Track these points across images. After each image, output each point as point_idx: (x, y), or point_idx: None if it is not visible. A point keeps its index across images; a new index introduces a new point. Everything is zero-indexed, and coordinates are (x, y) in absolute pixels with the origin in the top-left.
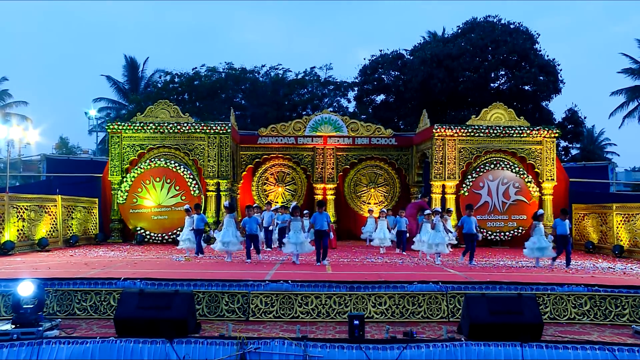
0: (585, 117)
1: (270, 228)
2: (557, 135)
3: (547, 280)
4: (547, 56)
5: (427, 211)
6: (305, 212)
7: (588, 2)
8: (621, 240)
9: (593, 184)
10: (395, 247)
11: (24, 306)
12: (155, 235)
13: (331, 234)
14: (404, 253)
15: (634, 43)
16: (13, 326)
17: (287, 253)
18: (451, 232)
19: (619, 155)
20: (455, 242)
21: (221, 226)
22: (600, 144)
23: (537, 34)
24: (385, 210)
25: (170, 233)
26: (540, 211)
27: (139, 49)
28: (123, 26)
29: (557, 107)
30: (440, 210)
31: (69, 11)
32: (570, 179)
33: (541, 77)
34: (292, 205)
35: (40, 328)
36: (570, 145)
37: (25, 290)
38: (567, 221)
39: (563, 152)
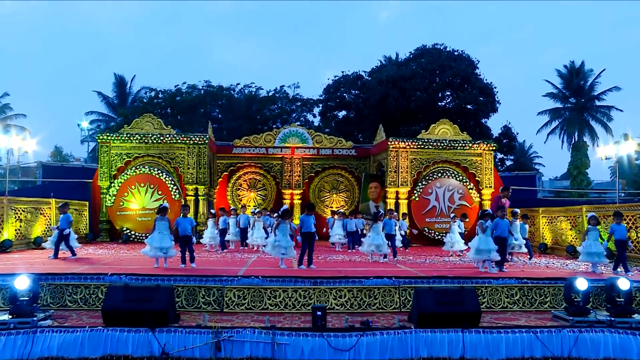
0: (517, 133)
1: (248, 229)
2: (494, 148)
3: (485, 275)
4: (486, 80)
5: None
6: (275, 214)
7: (517, 33)
8: (546, 239)
9: (524, 190)
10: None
11: (20, 298)
12: (140, 234)
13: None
14: (388, 259)
15: (554, 72)
16: (10, 316)
17: (274, 256)
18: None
19: (544, 166)
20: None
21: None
22: (529, 156)
23: (477, 60)
24: (381, 212)
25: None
26: (592, 214)
27: (128, 67)
28: (114, 46)
29: (495, 124)
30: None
31: (66, 32)
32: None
33: (481, 98)
34: (283, 208)
35: (35, 318)
36: (505, 157)
37: (22, 284)
38: (623, 225)
39: (499, 163)
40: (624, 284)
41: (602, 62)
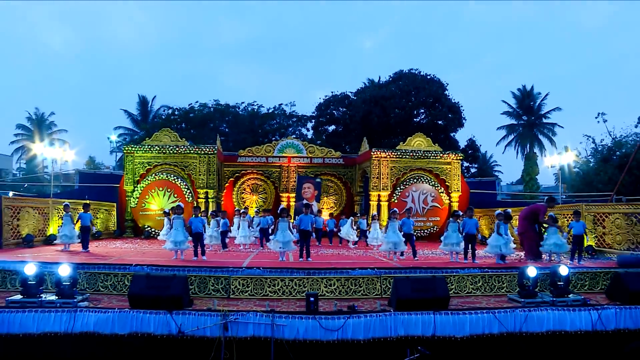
0: (480, 145)
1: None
2: (461, 158)
3: (453, 265)
4: (454, 100)
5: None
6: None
7: (478, 62)
8: None
9: (486, 194)
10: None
11: (63, 283)
12: (159, 232)
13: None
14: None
15: (510, 94)
16: (56, 297)
17: (274, 250)
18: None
19: (502, 172)
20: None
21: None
22: (490, 164)
23: (447, 83)
24: (396, 210)
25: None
26: (551, 213)
27: (149, 89)
28: (138, 71)
29: (461, 137)
30: (507, 213)
31: (98, 60)
32: (470, 190)
33: (450, 115)
34: (280, 207)
35: (75, 300)
36: (470, 165)
37: (64, 271)
38: (582, 222)
39: (465, 170)
40: (563, 270)
41: (547, 86)
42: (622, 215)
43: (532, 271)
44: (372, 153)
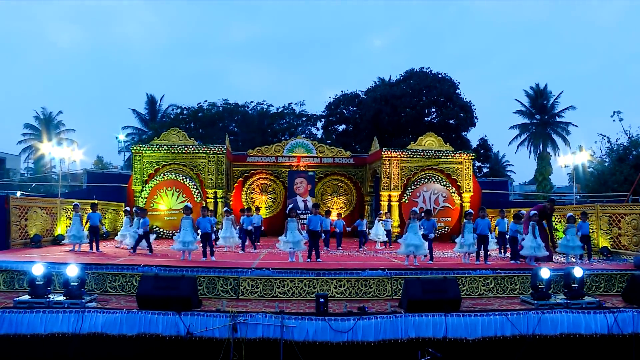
0: (492, 145)
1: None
2: (472, 157)
3: (465, 266)
4: (466, 99)
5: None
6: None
7: (490, 61)
8: None
9: (498, 194)
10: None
11: (71, 283)
12: (167, 232)
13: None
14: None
15: (523, 92)
16: (64, 298)
17: (284, 251)
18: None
19: (515, 172)
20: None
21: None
22: (502, 164)
23: (458, 82)
24: (416, 210)
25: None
26: (570, 214)
27: (157, 88)
28: (146, 71)
29: (473, 136)
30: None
31: (107, 59)
32: (482, 190)
33: (461, 114)
34: (289, 207)
35: (83, 300)
36: (482, 165)
37: (72, 271)
38: (587, 222)
39: (477, 170)
40: (578, 272)
41: (560, 85)
42: (638, 217)
43: (545, 273)
44: (382, 153)
